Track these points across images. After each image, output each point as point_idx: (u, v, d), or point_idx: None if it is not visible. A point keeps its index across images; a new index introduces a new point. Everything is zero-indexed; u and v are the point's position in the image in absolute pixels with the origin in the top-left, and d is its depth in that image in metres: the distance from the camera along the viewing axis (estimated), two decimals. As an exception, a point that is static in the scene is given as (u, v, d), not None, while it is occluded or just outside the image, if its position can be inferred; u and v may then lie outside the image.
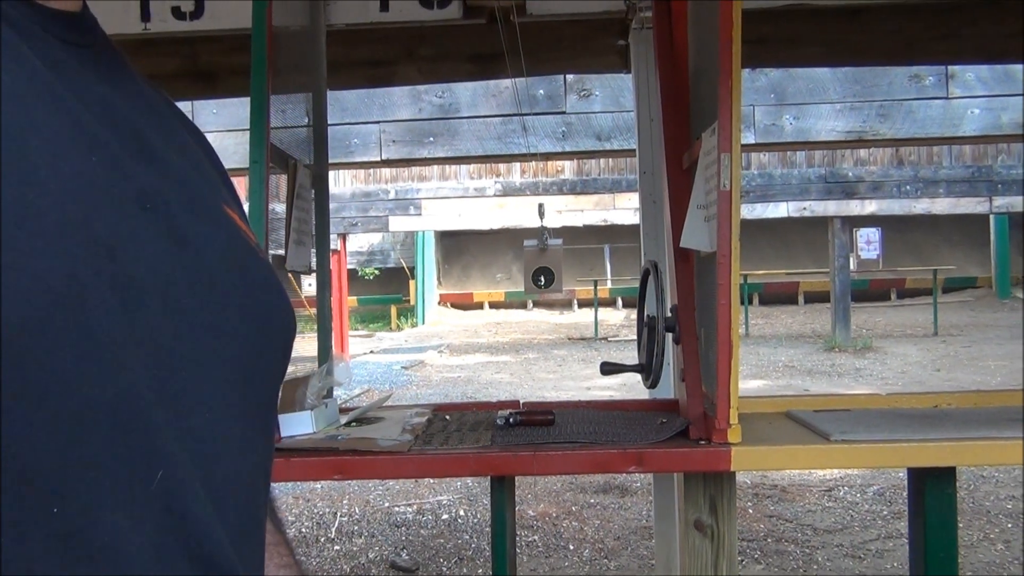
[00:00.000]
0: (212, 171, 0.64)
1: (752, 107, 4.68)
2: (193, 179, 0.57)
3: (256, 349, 0.56)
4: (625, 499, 4.78)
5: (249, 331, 0.55)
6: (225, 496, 0.51)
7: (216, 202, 0.59)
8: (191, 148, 0.62)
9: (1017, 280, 17.22)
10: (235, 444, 0.53)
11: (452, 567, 3.85)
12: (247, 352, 0.55)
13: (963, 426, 1.99)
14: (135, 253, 0.48)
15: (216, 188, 0.61)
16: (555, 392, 8.60)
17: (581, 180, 11.05)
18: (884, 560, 3.79)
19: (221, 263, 0.55)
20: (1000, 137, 5.16)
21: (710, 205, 1.90)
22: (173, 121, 0.63)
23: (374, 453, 1.91)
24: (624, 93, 4.49)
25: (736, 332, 1.82)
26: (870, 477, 5.00)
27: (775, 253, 17.83)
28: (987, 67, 4.52)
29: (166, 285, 0.50)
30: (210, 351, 0.52)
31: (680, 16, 2.25)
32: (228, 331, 0.54)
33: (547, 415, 2.15)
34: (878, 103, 4.66)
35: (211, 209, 0.57)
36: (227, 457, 0.53)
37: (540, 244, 3.68)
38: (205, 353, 0.52)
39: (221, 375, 0.53)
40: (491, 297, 19.38)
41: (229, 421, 0.53)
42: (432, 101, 4.67)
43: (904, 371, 9.57)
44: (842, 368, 9.88)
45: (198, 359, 0.51)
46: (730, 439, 1.84)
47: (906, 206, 10.95)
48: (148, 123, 0.56)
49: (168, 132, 0.59)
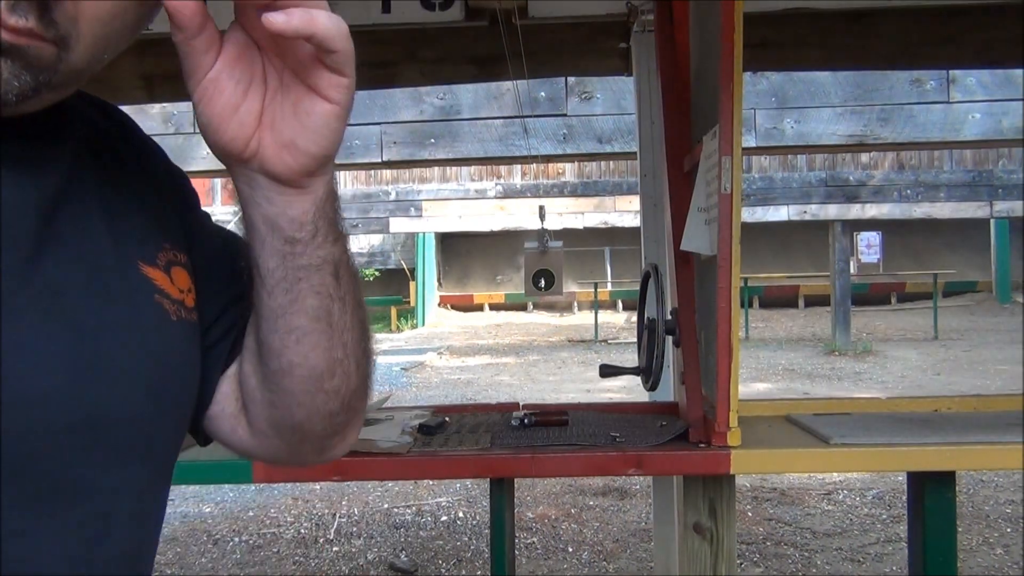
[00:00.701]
0: (151, 220, 0.66)
1: (753, 110, 4.68)
2: (104, 259, 0.60)
3: (156, 425, 0.62)
4: (624, 502, 4.78)
5: (148, 410, 0.60)
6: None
7: (131, 276, 0.61)
8: (127, 201, 0.64)
9: (1017, 285, 17.20)
10: (131, 520, 0.60)
11: (451, 569, 3.85)
12: (145, 428, 0.60)
13: (963, 430, 1.99)
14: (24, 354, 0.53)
15: (141, 247, 0.64)
16: (556, 395, 8.59)
17: (582, 182, 11.07)
18: (883, 564, 3.78)
19: (122, 347, 0.59)
20: (1001, 142, 5.17)
21: (711, 208, 1.90)
22: (115, 178, 0.64)
23: (373, 454, 1.91)
24: (625, 96, 4.49)
25: (736, 335, 1.82)
26: (870, 481, 5.00)
27: (775, 257, 17.82)
28: (988, 72, 4.53)
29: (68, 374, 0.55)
30: (110, 425, 0.58)
31: (682, 19, 2.25)
32: (122, 412, 0.58)
33: (562, 415, 2.15)
34: (879, 107, 4.66)
35: (122, 287, 0.60)
36: (119, 531, 0.59)
37: (541, 246, 3.67)
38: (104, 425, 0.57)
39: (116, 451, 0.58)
40: (491, 299, 19.36)
41: (122, 502, 0.59)
42: (433, 103, 4.67)
43: (904, 375, 9.57)
44: (842, 372, 9.88)
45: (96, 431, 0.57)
46: (730, 442, 1.84)
47: (907, 210, 10.94)
48: (69, 200, 0.59)
49: (90, 204, 0.60)
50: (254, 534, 4.36)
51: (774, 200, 10.66)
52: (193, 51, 0.55)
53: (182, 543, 4.25)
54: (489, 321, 17.92)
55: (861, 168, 11.48)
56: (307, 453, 0.73)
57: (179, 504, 4.88)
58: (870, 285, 16.69)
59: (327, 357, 0.65)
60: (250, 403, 0.70)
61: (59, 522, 0.55)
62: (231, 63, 0.56)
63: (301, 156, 0.58)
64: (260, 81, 0.57)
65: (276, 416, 0.69)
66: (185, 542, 4.26)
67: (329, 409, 0.68)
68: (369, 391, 0.72)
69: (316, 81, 0.56)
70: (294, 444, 0.71)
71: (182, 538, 4.32)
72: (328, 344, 0.65)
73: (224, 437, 0.73)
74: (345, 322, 0.65)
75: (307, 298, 0.63)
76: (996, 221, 15.74)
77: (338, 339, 0.65)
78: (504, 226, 11.97)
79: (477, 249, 19.85)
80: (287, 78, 0.57)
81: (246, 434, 0.72)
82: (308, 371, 0.65)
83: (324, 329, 0.64)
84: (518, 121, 4.67)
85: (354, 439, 0.75)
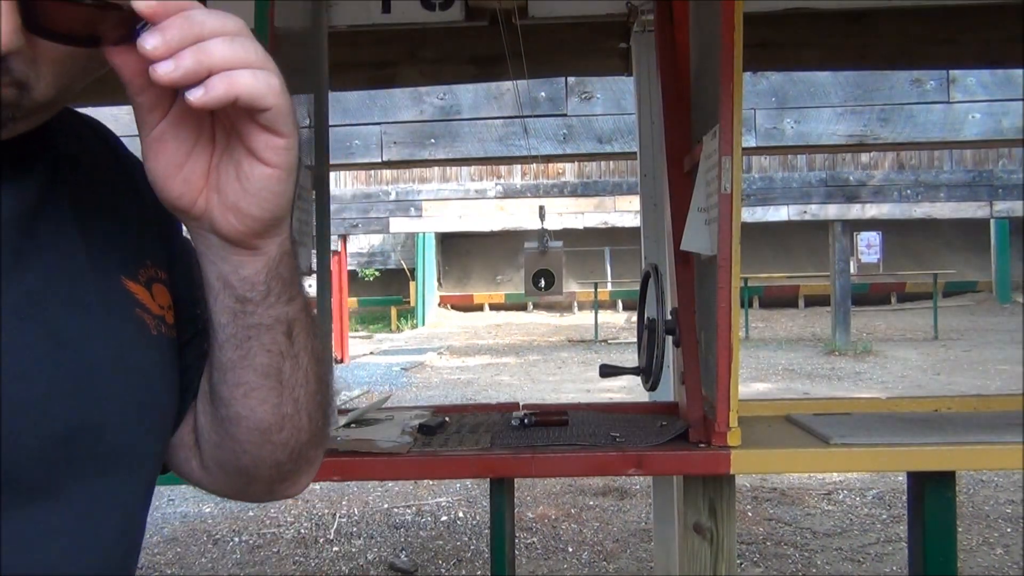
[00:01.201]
0: (132, 236, 0.67)
1: (753, 110, 4.69)
2: (84, 272, 0.61)
3: (137, 436, 0.62)
4: (624, 502, 4.78)
5: (124, 421, 0.61)
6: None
7: (111, 289, 0.63)
8: (105, 218, 0.65)
9: (1017, 284, 17.20)
10: (116, 530, 0.61)
11: (451, 569, 3.85)
12: (127, 439, 0.61)
13: (963, 430, 1.99)
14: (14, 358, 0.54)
15: (122, 261, 0.64)
16: (556, 395, 8.59)
17: (582, 182, 11.06)
18: (883, 564, 3.78)
19: (103, 359, 0.60)
20: (1001, 142, 5.17)
21: (711, 208, 1.90)
22: (97, 194, 0.65)
23: (373, 454, 1.91)
24: (625, 96, 4.49)
25: (736, 335, 1.82)
26: (870, 481, 5.00)
27: (775, 256, 17.82)
28: (988, 72, 4.53)
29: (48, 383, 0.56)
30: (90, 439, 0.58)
31: (682, 19, 2.25)
32: (104, 422, 0.59)
33: (562, 415, 2.15)
34: (879, 107, 4.66)
35: (102, 300, 0.61)
36: (104, 540, 0.60)
37: (540, 246, 3.67)
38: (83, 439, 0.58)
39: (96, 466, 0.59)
40: (491, 299, 19.36)
41: (106, 511, 0.60)
42: (433, 103, 4.67)
43: (904, 375, 9.57)
44: (842, 372, 9.88)
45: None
46: (730, 442, 1.84)
47: (907, 210, 10.94)
48: (46, 213, 0.60)
49: (67, 218, 0.61)
50: (254, 534, 4.36)
51: (774, 200, 10.65)
52: (139, 107, 0.54)
53: (182, 543, 4.25)
54: (489, 321, 17.92)
55: (861, 168, 11.46)
56: (255, 494, 0.73)
57: (179, 504, 4.88)
58: (870, 285, 16.69)
59: (276, 412, 0.65)
60: (201, 439, 0.70)
61: (44, 528, 0.56)
62: (177, 122, 0.55)
63: (246, 219, 0.57)
64: (208, 142, 0.56)
65: (222, 458, 0.69)
66: (185, 542, 4.26)
67: (276, 459, 0.68)
68: (324, 440, 0.72)
69: (252, 143, 0.54)
70: (240, 485, 0.72)
71: (182, 538, 4.32)
72: (277, 400, 0.65)
73: (177, 465, 0.73)
74: (297, 379, 0.65)
75: (257, 355, 0.62)
76: (996, 221, 15.73)
77: (288, 395, 0.65)
78: (504, 226, 11.97)
79: (477, 249, 19.85)
80: (232, 140, 0.56)
81: (198, 467, 0.72)
82: (255, 424, 0.65)
83: (273, 386, 0.64)
84: (518, 121, 4.67)
85: (307, 482, 0.75)
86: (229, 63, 0.50)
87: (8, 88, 0.52)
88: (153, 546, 4.19)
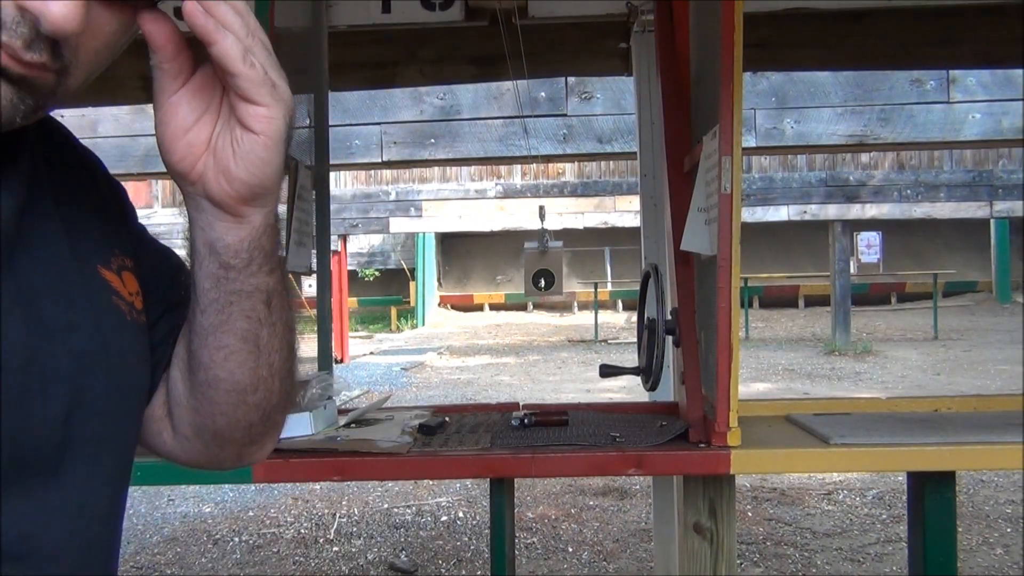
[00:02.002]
0: (101, 227, 0.70)
1: (753, 110, 4.69)
2: (67, 263, 0.65)
3: (121, 418, 0.67)
4: (624, 502, 4.78)
5: (110, 405, 0.65)
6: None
7: (91, 279, 0.67)
8: (78, 210, 0.69)
9: (1017, 284, 17.21)
10: (106, 507, 0.66)
11: (451, 569, 3.85)
12: (113, 421, 0.66)
13: (963, 430, 1.99)
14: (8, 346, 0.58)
15: (96, 251, 0.68)
16: (556, 395, 8.60)
17: (582, 182, 11.07)
18: (883, 564, 3.79)
19: (89, 349, 0.64)
20: (1001, 142, 5.17)
21: (711, 208, 1.90)
22: (68, 187, 0.69)
23: (373, 454, 1.91)
24: (625, 96, 4.49)
25: (736, 335, 1.82)
26: (870, 481, 5.00)
27: (775, 257, 17.82)
28: (988, 72, 4.53)
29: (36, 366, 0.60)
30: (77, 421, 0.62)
31: (682, 19, 2.25)
32: (93, 407, 0.63)
33: (562, 415, 2.15)
34: (879, 107, 4.66)
35: (83, 290, 0.65)
36: (97, 520, 0.64)
37: (540, 246, 3.68)
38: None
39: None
40: (491, 299, 19.36)
41: (98, 489, 0.65)
42: (433, 103, 4.67)
43: (904, 375, 9.57)
44: (842, 372, 9.88)
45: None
46: (730, 442, 1.84)
47: (907, 210, 10.95)
48: (33, 207, 0.63)
49: (50, 211, 0.65)
50: (254, 534, 4.36)
51: (774, 200, 10.66)
52: (164, 74, 0.60)
53: (182, 543, 4.25)
54: (489, 321, 17.92)
55: (861, 168, 11.48)
56: (225, 459, 0.78)
57: (179, 504, 4.88)
58: (870, 285, 16.69)
59: (252, 375, 0.70)
60: (175, 407, 0.74)
61: (45, 507, 0.60)
62: (193, 92, 0.61)
63: (235, 182, 0.62)
64: (214, 113, 0.62)
65: (199, 422, 0.74)
66: (185, 542, 4.26)
67: (249, 420, 0.73)
68: (291, 406, 0.77)
69: (239, 112, 0.60)
70: (214, 449, 0.76)
71: (182, 538, 4.32)
72: (254, 364, 0.69)
73: (148, 439, 0.77)
74: (273, 345, 0.70)
75: (237, 320, 0.67)
76: (996, 221, 15.74)
77: (264, 360, 0.70)
78: (504, 226, 11.98)
79: (477, 249, 19.85)
80: (234, 111, 0.61)
81: (170, 437, 0.77)
82: (232, 385, 0.70)
83: (251, 350, 0.69)
84: (518, 121, 4.68)
85: (270, 448, 0.81)
86: (227, 23, 0.57)
87: (52, 75, 0.55)
88: (153, 546, 4.19)
